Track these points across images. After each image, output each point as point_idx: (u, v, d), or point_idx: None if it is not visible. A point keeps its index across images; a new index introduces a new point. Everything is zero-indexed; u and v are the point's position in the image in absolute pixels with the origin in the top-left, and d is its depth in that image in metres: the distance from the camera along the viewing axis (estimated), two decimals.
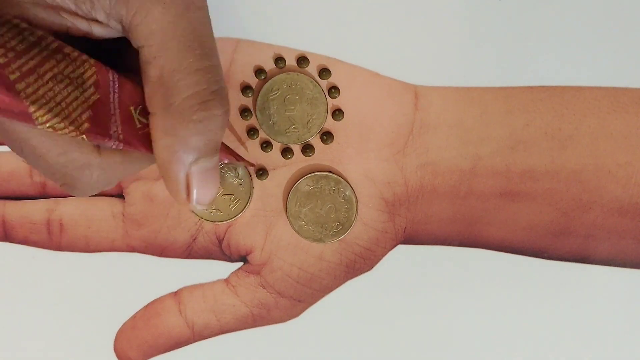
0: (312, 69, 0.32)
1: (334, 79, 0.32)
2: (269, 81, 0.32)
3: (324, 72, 0.32)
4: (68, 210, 0.33)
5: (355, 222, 0.33)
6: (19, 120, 0.21)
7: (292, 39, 0.32)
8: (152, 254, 0.33)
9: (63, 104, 0.22)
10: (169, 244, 0.33)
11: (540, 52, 0.32)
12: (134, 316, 0.34)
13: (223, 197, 0.33)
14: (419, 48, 0.32)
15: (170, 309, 0.33)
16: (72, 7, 0.22)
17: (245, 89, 0.32)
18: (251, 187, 0.33)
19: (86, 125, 0.22)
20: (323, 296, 0.33)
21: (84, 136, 0.22)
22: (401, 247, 0.33)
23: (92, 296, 0.34)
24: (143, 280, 0.33)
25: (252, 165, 0.32)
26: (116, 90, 0.23)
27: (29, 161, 0.24)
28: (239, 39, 0.32)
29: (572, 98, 0.32)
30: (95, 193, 0.25)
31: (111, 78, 0.23)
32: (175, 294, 0.34)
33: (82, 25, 0.23)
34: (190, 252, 0.33)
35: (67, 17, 0.23)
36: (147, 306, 0.34)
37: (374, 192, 0.33)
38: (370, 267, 0.33)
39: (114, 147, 0.23)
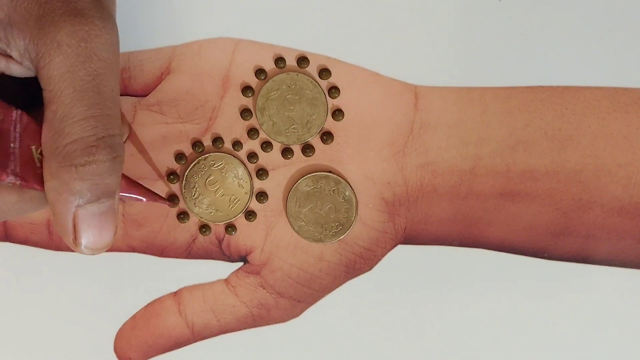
0: (312, 69, 0.32)
1: (334, 79, 0.32)
2: (269, 81, 0.32)
3: (324, 72, 0.32)
4: None
5: (355, 222, 0.33)
6: None
7: (292, 39, 0.32)
8: (152, 254, 0.33)
9: None
10: (169, 244, 0.33)
11: (540, 52, 0.32)
12: (134, 316, 0.34)
13: (223, 197, 0.33)
14: (419, 48, 0.32)
15: (170, 309, 0.33)
16: None
17: (245, 89, 0.32)
18: (251, 187, 0.33)
19: None
20: (323, 296, 0.33)
21: None
22: (401, 247, 0.33)
23: (92, 296, 0.34)
24: (143, 280, 0.33)
25: (167, 202, 0.32)
26: (18, 130, 0.24)
27: None
28: (239, 39, 0.32)
29: (572, 98, 0.32)
30: None
31: (14, 117, 0.24)
32: (175, 294, 0.34)
33: (0, 63, 0.24)
34: (190, 252, 0.33)
35: None
36: (147, 306, 0.34)
37: (374, 192, 0.33)
38: (370, 267, 0.33)
39: (10, 184, 0.23)
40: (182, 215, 0.33)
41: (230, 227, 0.33)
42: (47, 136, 0.24)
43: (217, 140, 0.32)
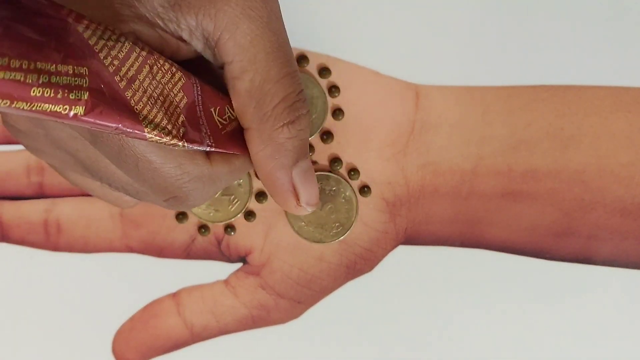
0: (312, 67, 0.32)
1: (334, 78, 0.32)
2: None
3: (324, 71, 0.32)
4: (66, 210, 0.33)
5: (356, 223, 0.32)
6: (129, 135, 0.21)
7: (292, 38, 0.32)
8: (151, 254, 0.33)
9: (162, 111, 0.22)
10: (168, 244, 0.33)
11: (542, 52, 0.32)
12: (132, 317, 0.33)
13: (222, 197, 0.32)
14: (420, 47, 0.32)
15: (168, 310, 0.33)
16: (162, 25, 0.22)
17: None
18: (250, 187, 0.32)
19: (183, 129, 0.22)
20: (323, 297, 0.33)
21: (184, 142, 0.22)
22: (402, 248, 0.33)
23: (90, 297, 0.33)
24: (141, 281, 0.33)
25: None
26: (199, 93, 0.23)
27: (142, 177, 0.23)
28: None
29: (574, 97, 0.32)
30: (200, 205, 0.25)
31: (193, 81, 0.23)
32: (174, 295, 0.33)
33: (172, 43, 0.23)
34: (189, 252, 0.33)
35: (160, 34, 0.22)
36: (145, 307, 0.33)
37: (375, 192, 0.32)
38: (371, 268, 0.33)
39: (207, 149, 0.23)
40: (181, 216, 0.33)
41: (229, 228, 0.33)
42: (248, 107, 0.23)
43: None
